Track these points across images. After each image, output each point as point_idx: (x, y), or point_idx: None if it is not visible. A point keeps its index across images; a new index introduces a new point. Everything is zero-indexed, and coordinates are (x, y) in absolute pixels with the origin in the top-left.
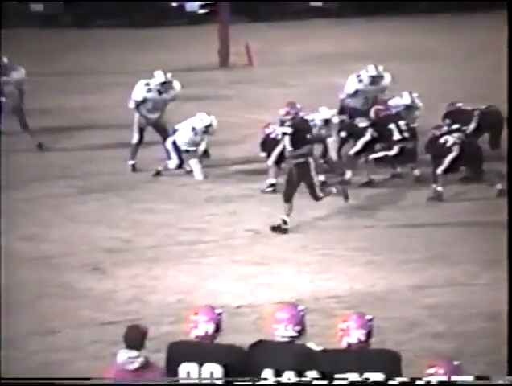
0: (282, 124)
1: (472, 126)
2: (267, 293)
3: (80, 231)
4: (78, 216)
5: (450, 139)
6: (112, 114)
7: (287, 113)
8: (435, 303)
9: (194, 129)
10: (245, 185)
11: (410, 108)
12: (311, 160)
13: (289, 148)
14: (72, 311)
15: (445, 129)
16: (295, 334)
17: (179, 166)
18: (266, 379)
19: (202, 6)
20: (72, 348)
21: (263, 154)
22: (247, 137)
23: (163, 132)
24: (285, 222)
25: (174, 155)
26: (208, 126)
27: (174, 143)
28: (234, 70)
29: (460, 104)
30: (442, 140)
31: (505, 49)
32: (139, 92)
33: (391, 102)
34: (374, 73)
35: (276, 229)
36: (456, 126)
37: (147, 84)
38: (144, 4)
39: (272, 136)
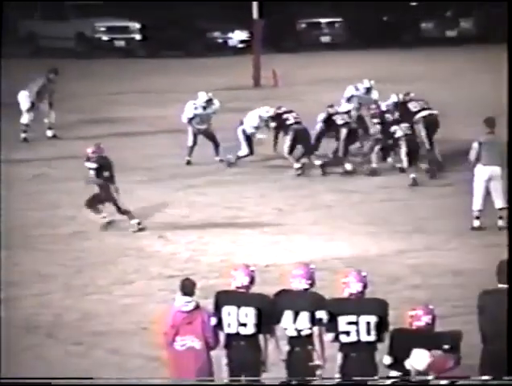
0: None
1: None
2: (287, 256)
3: (149, 208)
4: (148, 197)
5: (399, 132)
6: (174, 122)
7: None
8: (414, 263)
9: (260, 117)
10: (273, 175)
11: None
12: None
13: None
14: (144, 267)
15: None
16: (307, 286)
17: (249, 154)
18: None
19: (241, 42)
20: (144, 294)
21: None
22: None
23: (212, 138)
24: None
25: (244, 144)
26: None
27: (243, 131)
28: (264, 89)
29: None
30: (392, 129)
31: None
32: (189, 110)
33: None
34: (368, 85)
35: None
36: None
37: (194, 104)
38: (198, 39)
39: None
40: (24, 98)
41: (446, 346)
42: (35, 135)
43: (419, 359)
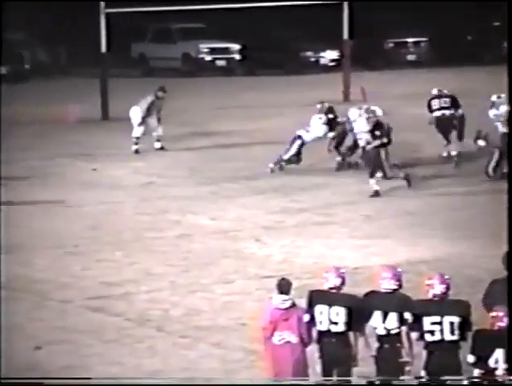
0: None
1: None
2: (375, 259)
3: (246, 214)
4: (246, 204)
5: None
6: (273, 134)
7: None
8: (491, 267)
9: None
10: (360, 185)
11: None
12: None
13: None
14: (242, 268)
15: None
16: (395, 287)
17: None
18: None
19: (332, 60)
20: (243, 293)
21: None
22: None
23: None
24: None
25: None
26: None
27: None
28: (353, 104)
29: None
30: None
31: None
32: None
33: None
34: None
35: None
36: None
37: (320, 118)
38: (293, 58)
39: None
40: (136, 113)
41: None
42: (145, 147)
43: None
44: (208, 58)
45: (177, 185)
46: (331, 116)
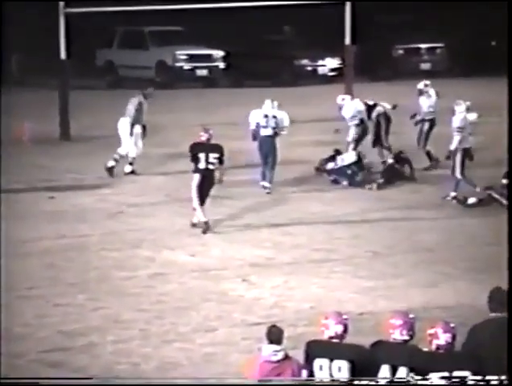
0: None
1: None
2: (383, 303)
3: (232, 249)
4: (231, 237)
5: None
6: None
7: None
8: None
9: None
10: (366, 214)
11: None
12: None
13: None
14: (226, 313)
15: None
16: (407, 338)
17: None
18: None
19: (332, 70)
20: (227, 343)
21: None
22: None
23: None
24: None
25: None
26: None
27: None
28: None
29: None
30: None
31: None
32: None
33: None
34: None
35: None
36: None
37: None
38: (286, 67)
39: None
40: (125, 124)
41: None
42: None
43: None
44: (187, 66)
45: (150, 215)
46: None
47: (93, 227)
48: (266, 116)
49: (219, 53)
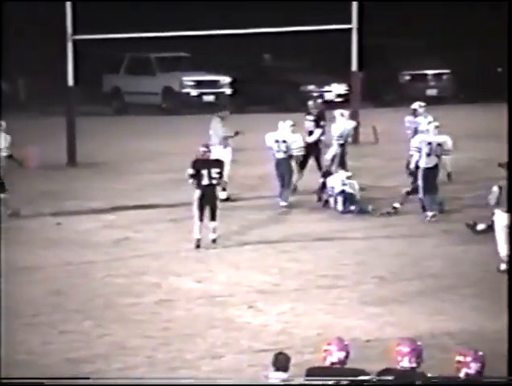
0: None
1: None
2: (390, 330)
3: (238, 276)
4: (238, 263)
5: None
6: (270, 182)
7: None
8: None
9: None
10: (371, 240)
11: None
12: None
13: None
14: (233, 340)
15: None
16: (415, 365)
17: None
18: None
19: (338, 96)
20: (233, 370)
21: None
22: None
23: None
24: None
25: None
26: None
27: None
28: (363, 146)
29: None
30: None
31: None
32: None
33: None
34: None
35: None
36: None
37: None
38: (292, 92)
39: None
40: (218, 150)
41: None
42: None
43: None
44: (194, 92)
45: (156, 241)
46: None
47: (98, 253)
48: (277, 141)
49: (225, 79)
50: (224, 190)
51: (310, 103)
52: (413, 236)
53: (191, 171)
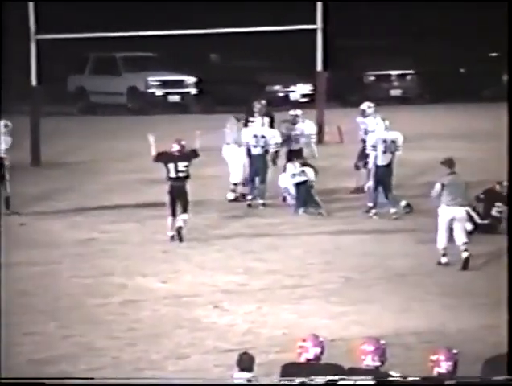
0: None
1: None
2: (355, 329)
3: (204, 276)
4: (204, 263)
5: None
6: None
7: None
8: (500, 341)
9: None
10: (339, 238)
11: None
12: None
13: None
14: (198, 340)
15: None
16: (379, 364)
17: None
18: None
19: (303, 96)
20: (199, 370)
21: None
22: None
23: None
24: None
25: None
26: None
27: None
28: (328, 146)
29: None
30: None
31: None
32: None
33: None
34: None
35: None
36: None
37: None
38: (258, 93)
39: None
40: (231, 150)
41: None
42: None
43: None
44: (159, 92)
45: (123, 241)
46: None
47: (64, 253)
48: (256, 136)
49: (191, 79)
50: (233, 191)
51: (255, 104)
52: (380, 233)
53: (153, 159)
